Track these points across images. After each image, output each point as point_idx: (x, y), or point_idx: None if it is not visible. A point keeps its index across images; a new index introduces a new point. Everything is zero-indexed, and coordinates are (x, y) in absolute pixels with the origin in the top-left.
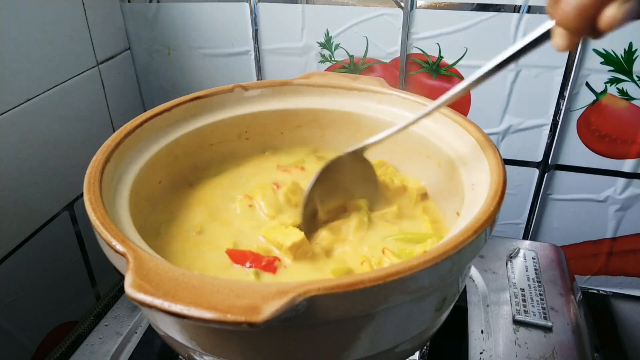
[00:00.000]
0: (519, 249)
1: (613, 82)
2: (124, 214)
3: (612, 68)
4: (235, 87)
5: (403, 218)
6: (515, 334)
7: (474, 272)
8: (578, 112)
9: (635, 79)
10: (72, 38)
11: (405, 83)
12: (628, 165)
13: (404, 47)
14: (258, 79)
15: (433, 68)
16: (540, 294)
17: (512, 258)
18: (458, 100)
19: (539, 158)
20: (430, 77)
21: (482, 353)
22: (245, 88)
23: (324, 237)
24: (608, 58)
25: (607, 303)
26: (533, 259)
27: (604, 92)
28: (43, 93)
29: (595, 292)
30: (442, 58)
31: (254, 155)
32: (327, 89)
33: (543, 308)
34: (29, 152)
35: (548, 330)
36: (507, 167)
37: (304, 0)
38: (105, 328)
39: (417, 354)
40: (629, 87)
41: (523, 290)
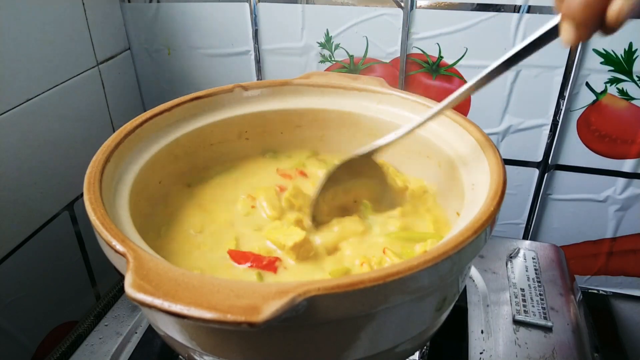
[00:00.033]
0: (519, 249)
1: (613, 82)
2: (124, 214)
3: (612, 68)
4: (235, 87)
5: (407, 217)
6: (515, 334)
7: (474, 272)
8: (578, 112)
9: (635, 79)
10: (72, 38)
11: (405, 83)
12: (628, 165)
13: (404, 47)
14: (258, 79)
15: (433, 68)
16: (540, 294)
17: (512, 258)
18: None
19: (539, 158)
20: (430, 77)
21: (482, 353)
22: (245, 88)
23: (327, 236)
24: (608, 58)
25: (607, 303)
26: (533, 259)
27: (604, 92)
28: (43, 93)
29: (595, 292)
30: (442, 58)
31: (254, 158)
32: (327, 89)
33: (543, 308)
34: (29, 152)
35: (548, 330)
36: (507, 167)
37: (304, 0)
38: (105, 328)
39: (417, 354)
40: (629, 87)
41: (523, 290)
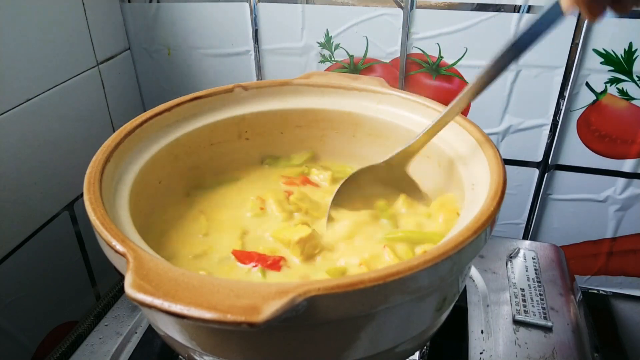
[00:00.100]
0: (519, 249)
1: (613, 82)
2: (124, 214)
3: (612, 68)
4: (235, 87)
5: (418, 217)
6: (515, 334)
7: (474, 272)
8: (578, 112)
9: (635, 79)
10: (72, 38)
11: (405, 83)
12: (628, 165)
13: (404, 47)
14: (258, 79)
15: (433, 68)
16: (540, 294)
17: (512, 258)
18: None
19: (539, 158)
20: (430, 77)
21: (482, 353)
22: (245, 88)
23: (335, 234)
24: (608, 58)
25: (607, 303)
26: (533, 259)
27: (604, 92)
28: (43, 93)
29: (595, 292)
30: (442, 58)
31: (255, 167)
32: (327, 89)
33: (543, 308)
34: (29, 152)
35: (548, 330)
36: (507, 167)
37: (304, 0)
38: (105, 328)
39: (417, 354)
40: (629, 87)
41: (523, 290)
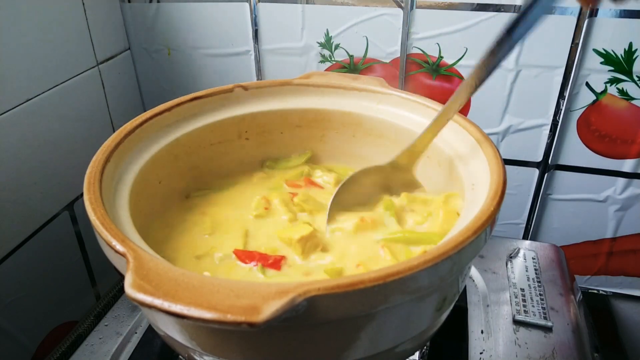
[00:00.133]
0: (519, 249)
1: (613, 82)
2: (124, 214)
3: (612, 68)
4: (235, 87)
5: (419, 217)
6: (515, 334)
7: (474, 272)
8: (578, 112)
9: (635, 79)
10: (72, 38)
11: (405, 83)
12: (628, 165)
13: (404, 47)
14: (258, 79)
15: (433, 68)
16: (540, 294)
17: (512, 258)
18: None
19: (539, 158)
20: (430, 77)
21: (482, 353)
22: (245, 88)
23: (334, 234)
24: (608, 58)
25: (607, 303)
26: (533, 259)
27: (604, 92)
28: (43, 93)
29: (595, 292)
30: (442, 58)
31: (254, 172)
32: (327, 89)
33: (543, 308)
34: (29, 152)
35: (548, 330)
36: (507, 167)
37: (304, 0)
38: (105, 328)
39: (417, 354)
40: (629, 87)
41: (523, 290)
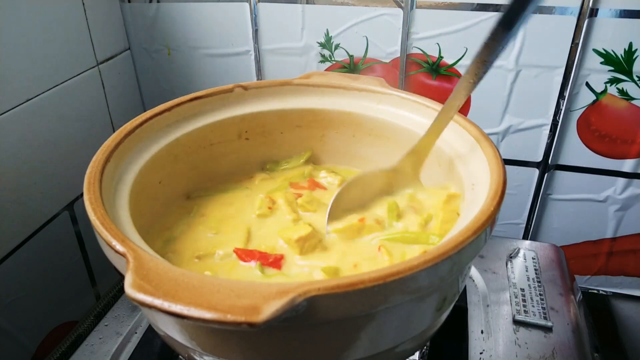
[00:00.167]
0: (519, 249)
1: (613, 82)
2: (124, 214)
3: (612, 68)
4: (235, 87)
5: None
6: (515, 334)
7: (474, 272)
8: (578, 112)
9: (635, 79)
10: (72, 38)
11: (405, 83)
12: (628, 165)
13: (404, 47)
14: (258, 79)
15: (433, 68)
16: (540, 294)
17: (512, 258)
18: None
19: (539, 158)
20: (430, 77)
21: (482, 353)
22: (245, 88)
23: (333, 234)
24: (608, 58)
25: (607, 303)
26: (533, 259)
27: (604, 92)
28: (43, 93)
29: (595, 292)
30: (442, 58)
31: (257, 172)
32: (327, 89)
33: (543, 308)
34: (29, 152)
35: (548, 330)
36: (507, 167)
37: (304, 0)
38: (105, 328)
39: (417, 354)
40: (629, 87)
41: (523, 290)
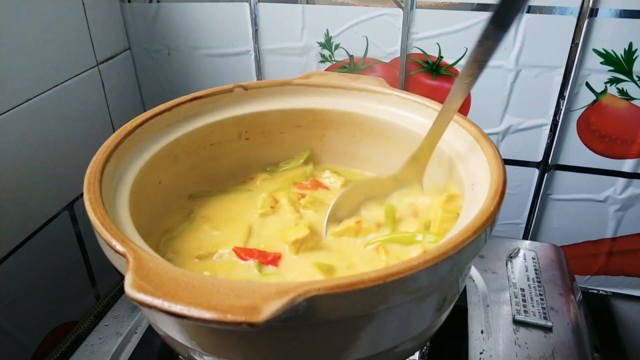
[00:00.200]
0: (519, 249)
1: (613, 82)
2: (124, 214)
3: (612, 68)
4: (235, 87)
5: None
6: (515, 334)
7: (474, 272)
8: (578, 112)
9: (635, 79)
10: (72, 38)
11: (405, 83)
12: (628, 165)
13: (404, 47)
14: (258, 79)
15: (433, 68)
16: (540, 294)
17: (512, 258)
18: None
19: (539, 158)
20: (430, 77)
21: (482, 353)
22: (245, 88)
23: (332, 235)
24: (608, 58)
25: (607, 303)
26: (533, 259)
27: (604, 92)
28: (43, 93)
29: (595, 292)
30: (442, 58)
31: (258, 173)
32: (327, 89)
33: (543, 308)
34: (29, 152)
35: (548, 330)
36: (507, 167)
37: (304, 0)
38: (105, 328)
39: (417, 354)
40: (629, 87)
41: (523, 290)
